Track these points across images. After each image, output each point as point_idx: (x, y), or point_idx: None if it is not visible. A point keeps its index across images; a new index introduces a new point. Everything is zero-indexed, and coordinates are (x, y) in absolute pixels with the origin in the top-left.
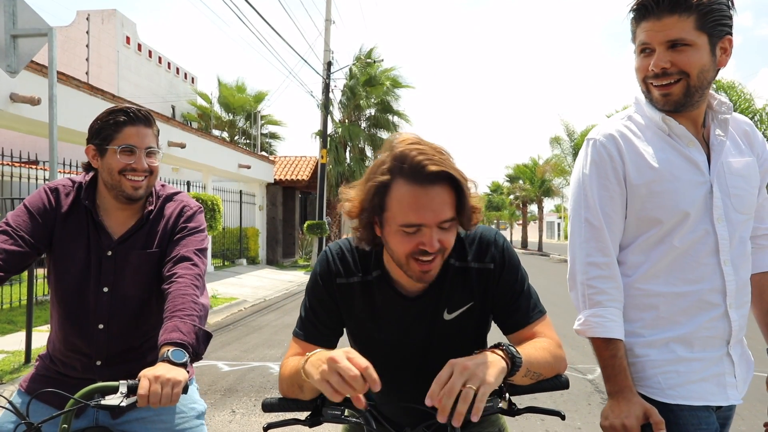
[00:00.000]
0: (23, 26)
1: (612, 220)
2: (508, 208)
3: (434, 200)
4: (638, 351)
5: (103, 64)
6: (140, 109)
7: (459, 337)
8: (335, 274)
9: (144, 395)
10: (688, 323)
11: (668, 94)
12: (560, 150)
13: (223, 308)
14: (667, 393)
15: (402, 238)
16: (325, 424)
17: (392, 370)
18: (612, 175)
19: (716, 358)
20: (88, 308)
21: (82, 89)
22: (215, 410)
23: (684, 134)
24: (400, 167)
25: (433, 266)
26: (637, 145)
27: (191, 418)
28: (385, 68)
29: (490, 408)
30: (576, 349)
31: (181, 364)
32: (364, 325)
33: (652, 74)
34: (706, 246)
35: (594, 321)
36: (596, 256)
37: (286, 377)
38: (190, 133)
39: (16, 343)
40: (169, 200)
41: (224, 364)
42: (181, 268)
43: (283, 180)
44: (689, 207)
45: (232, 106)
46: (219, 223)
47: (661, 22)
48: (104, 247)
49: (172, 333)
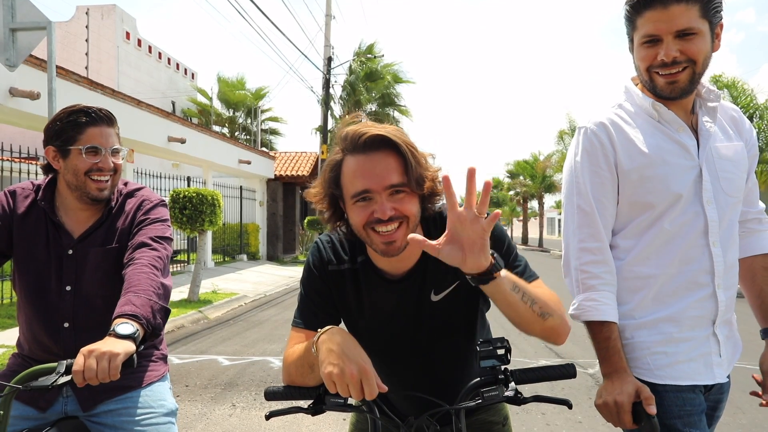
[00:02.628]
0: (22, 20)
1: (604, 206)
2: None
3: (377, 165)
4: (629, 333)
5: (103, 60)
6: (101, 109)
7: (449, 318)
8: (327, 262)
9: (78, 371)
10: (677, 303)
11: (675, 82)
12: (563, 146)
13: (223, 303)
14: (655, 373)
15: (357, 211)
16: (328, 412)
17: (386, 357)
18: (603, 162)
19: (703, 338)
20: (53, 307)
21: (81, 84)
22: (215, 404)
23: (674, 119)
24: (344, 144)
25: (396, 237)
26: (627, 131)
27: (159, 415)
28: (386, 63)
29: (495, 396)
30: (577, 344)
31: (127, 336)
32: (355, 312)
33: (659, 63)
34: (695, 228)
35: (587, 305)
36: (589, 242)
37: (294, 360)
38: (190, 129)
39: (14, 338)
40: (130, 196)
41: (225, 359)
42: (138, 252)
43: (283, 176)
44: (681, 189)
45: (232, 102)
46: (219, 218)
47: (669, 11)
48: (64, 246)
49: (124, 306)
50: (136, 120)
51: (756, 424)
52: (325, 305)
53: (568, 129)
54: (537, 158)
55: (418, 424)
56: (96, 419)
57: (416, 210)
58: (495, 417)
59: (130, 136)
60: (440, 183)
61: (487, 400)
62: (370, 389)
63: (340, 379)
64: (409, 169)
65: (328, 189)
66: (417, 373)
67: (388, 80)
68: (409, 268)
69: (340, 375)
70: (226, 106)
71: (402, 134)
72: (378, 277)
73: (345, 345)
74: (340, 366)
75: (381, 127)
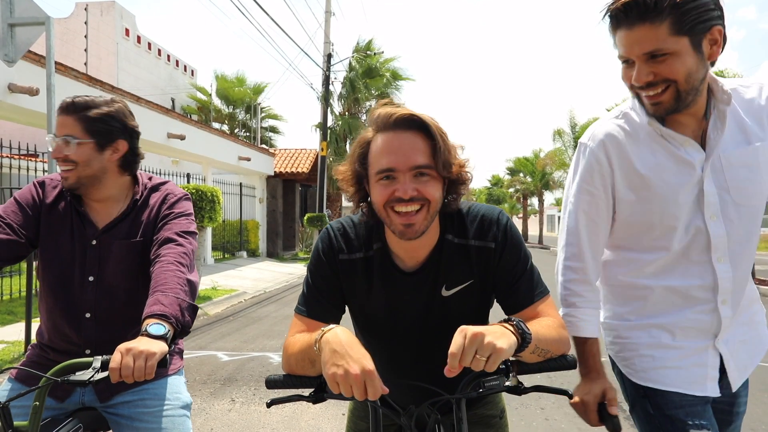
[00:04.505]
0: (20, 15)
1: (596, 225)
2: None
3: (404, 144)
4: (623, 333)
5: (103, 56)
6: (73, 97)
7: (457, 314)
8: (338, 250)
9: (115, 369)
10: (672, 314)
11: (658, 103)
12: (561, 143)
13: (223, 300)
14: (639, 375)
15: (379, 189)
16: (328, 405)
17: (391, 346)
18: (599, 182)
19: (697, 349)
20: (75, 297)
21: (80, 80)
22: (215, 399)
23: (674, 136)
24: (376, 123)
25: (415, 220)
26: (628, 150)
27: (176, 407)
28: (385, 59)
29: (496, 386)
30: None
31: (160, 337)
32: (364, 302)
33: (636, 86)
34: (697, 244)
35: (568, 320)
36: (572, 261)
37: (295, 353)
38: (190, 125)
39: (15, 333)
40: (155, 190)
41: (224, 354)
42: (164, 249)
43: (283, 172)
44: (679, 210)
45: (232, 99)
46: (219, 215)
47: (633, 32)
48: (89, 237)
49: (153, 306)
50: (135, 116)
51: (754, 418)
52: (330, 294)
53: (569, 126)
54: (537, 155)
55: (419, 413)
56: (112, 410)
57: (438, 195)
58: (492, 411)
59: None
60: (468, 171)
61: (487, 390)
62: (374, 390)
63: (344, 381)
64: (437, 152)
65: (355, 166)
66: (419, 364)
67: (387, 77)
68: (424, 259)
69: (344, 377)
70: (225, 103)
71: (433, 118)
72: (393, 266)
73: (349, 346)
74: (344, 367)
75: (413, 111)
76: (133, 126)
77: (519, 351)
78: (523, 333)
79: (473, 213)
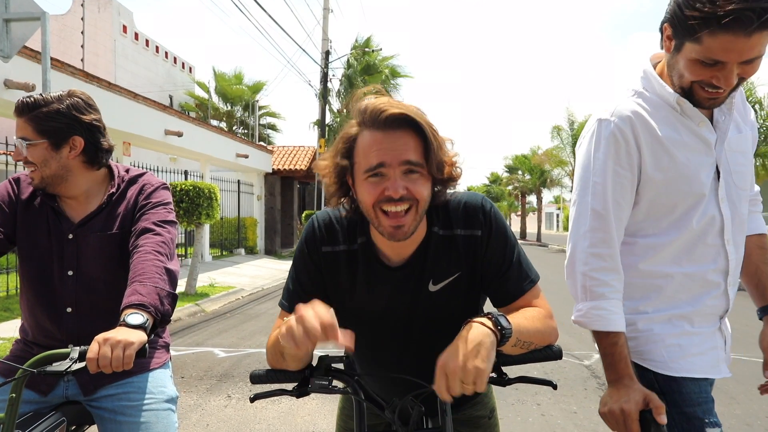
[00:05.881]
0: (16, 10)
1: (621, 208)
2: (506, 199)
3: (395, 142)
4: (641, 326)
5: (100, 53)
6: (24, 97)
7: (445, 309)
8: (320, 241)
9: (92, 359)
10: (691, 302)
11: (716, 99)
12: (560, 140)
13: (220, 296)
14: (670, 366)
15: (368, 188)
16: (324, 403)
17: (376, 343)
18: (626, 161)
19: (711, 333)
20: (55, 292)
21: (77, 76)
22: (211, 395)
23: (696, 114)
24: (363, 117)
25: (405, 221)
26: (653, 127)
27: (159, 401)
28: (384, 56)
29: None
30: (572, 335)
31: (138, 326)
32: (347, 296)
33: (711, 84)
34: (713, 227)
35: (596, 314)
36: (601, 247)
37: (269, 347)
38: (188, 122)
39: (11, 330)
40: (132, 183)
41: (221, 351)
42: (142, 239)
43: (281, 170)
44: (704, 188)
45: (230, 96)
46: (217, 212)
47: (751, 39)
48: (65, 231)
49: (131, 296)
50: (132, 113)
51: (750, 414)
52: (313, 289)
53: (567, 123)
54: (535, 153)
55: (402, 405)
56: (96, 403)
57: (427, 194)
58: (481, 411)
59: (127, 129)
60: (458, 169)
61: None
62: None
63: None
64: (429, 151)
65: (338, 161)
66: (405, 360)
67: (386, 74)
68: (410, 254)
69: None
70: (223, 100)
71: (423, 114)
72: (377, 261)
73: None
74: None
75: (403, 105)
76: (90, 120)
77: (498, 346)
78: (502, 329)
79: (455, 201)
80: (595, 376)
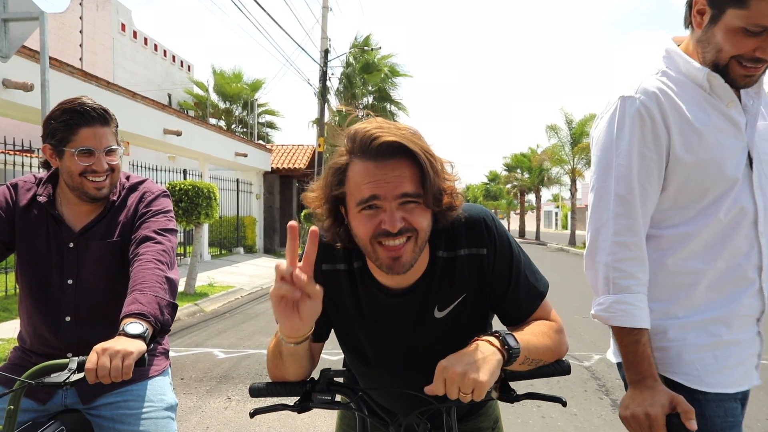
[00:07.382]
0: (14, 10)
1: (647, 194)
2: (505, 198)
3: (389, 173)
4: (673, 335)
5: (99, 52)
6: (95, 107)
7: (452, 334)
8: (321, 259)
9: (91, 369)
10: (727, 302)
11: (752, 76)
12: (558, 139)
13: (219, 296)
14: (704, 380)
15: (362, 220)
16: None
17: (380, 368)
18: (652, 142)
19: (750, 339)
20: (54, 301)
21: (75, 76)
22: (211, 397)
23: (726, 93)
24: (353, 146)
25: (403, 252)
26: (680, 106)
27: (159, 409)
28: (383, 55)
29: (487, 394)
30: (572, 336)
31: (137, 336)
32: (349, 318)
33: (753, 57)
34: (746, 217)
35: (620, 308)
36: (626, 236)
37: (269, 353)
38: (187, 121)
39: (10, 331)
40: (133, 190)
41: (220, 351)
42: (142, 247)
43: (280, 168)
44: (737, 173)
45: (229, 95)
46: (216, 211)
47: None
48: (65, 239)
49: (131, 305)
50: (131, 112)
51: (750, 415)
52: None
53: (564, 122)
54: (534, 152)
55: (408, 423)
56: (95, 412)
57: (427, 224)
58: (485, 423)
59: (126, 128)
60: (458, 197)
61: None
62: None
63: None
64: (426, 181)
65: (330, 193)
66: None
67: (385, 72)
68: (412, 283)
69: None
70: (222, 98)
71: (419, 139)
72: (376, 287)
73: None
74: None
75: (396, 130)
76: None
77: (506, 365)
78: (509, 349)
79: (457, 219)
80: (595, 377)
